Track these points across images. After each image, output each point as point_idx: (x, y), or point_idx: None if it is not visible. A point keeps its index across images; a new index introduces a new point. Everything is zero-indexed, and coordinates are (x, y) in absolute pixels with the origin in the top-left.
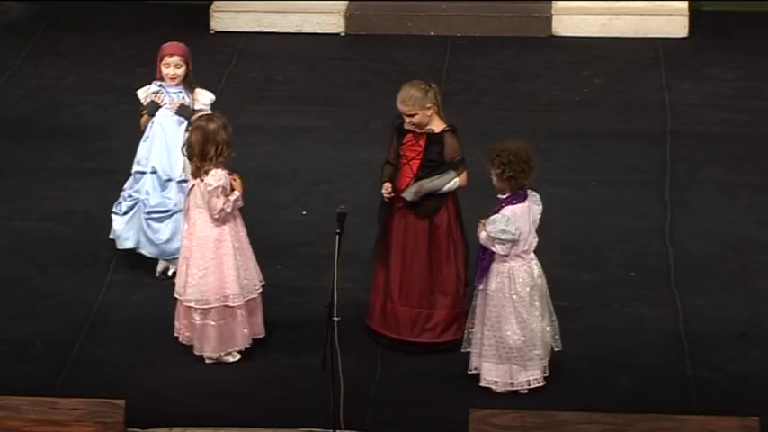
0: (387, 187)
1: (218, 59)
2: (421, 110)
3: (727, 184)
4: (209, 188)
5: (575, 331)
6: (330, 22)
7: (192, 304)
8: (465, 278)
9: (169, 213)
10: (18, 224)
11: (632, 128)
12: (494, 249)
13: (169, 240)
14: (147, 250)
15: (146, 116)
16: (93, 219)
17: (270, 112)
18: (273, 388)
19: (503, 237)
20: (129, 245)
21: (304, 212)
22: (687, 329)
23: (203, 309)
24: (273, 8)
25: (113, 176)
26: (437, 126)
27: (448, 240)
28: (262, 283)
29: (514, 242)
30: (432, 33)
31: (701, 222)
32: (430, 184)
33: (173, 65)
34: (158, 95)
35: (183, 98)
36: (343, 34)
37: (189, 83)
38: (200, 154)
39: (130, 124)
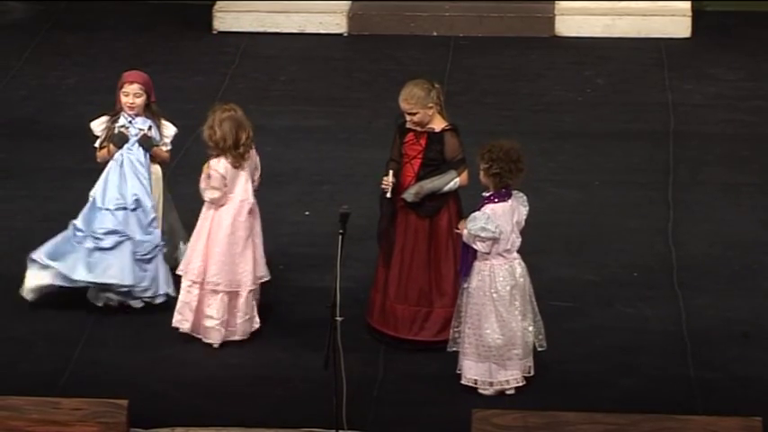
0: (387, 179)
1: (221, 60)
2: (422, 109)
3: (729, 184)
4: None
5: (577, 331)
6: (333, 22)
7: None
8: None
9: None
10: (21, 224)
11: (635, 128)
12: (475, 247)
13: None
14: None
15: (111, 147)
16: None
17: (272, 113)
18: (276, 388)
19: (482, 234)
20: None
21: (306, 212)
22: (690, 330)
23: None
24: (276, 8)
25: None
26: (438, 125)
27: (448, 240)
28: None
29: (495, 240)
30: (434, 33)
31: (704, 223)
32: (430, 184)
33: (131, 93)
34: (125, 128)
35: (150, 129)
36: (345, 34)
37: (154, 113)
38: (234, 143)
39: None
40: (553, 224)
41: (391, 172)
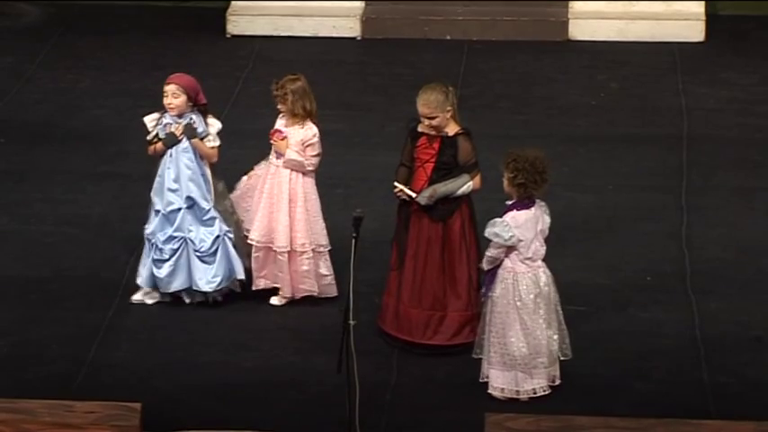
0: (399, 188)
1: (235, 63)
2: (442, 113)
3: (743, 188)
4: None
5: (590, 335)
6: (346, 25)
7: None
8: (477, 281)
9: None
10: (35, 228)
11: (648, 132)
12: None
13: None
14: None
15: (159, 145)
16: (110, 222)
17: None
18: (289, 391)
19: (494, 240)
20: (177, 286)
21: None
22: (703, 334)
23: None
24: (290, 12)
25: (130, 180)
26: (451, 129)
27: (461, 243)
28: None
29: (509, 248)
30: (448, 37)
31: (718, 227)
32: (443, 188)
33: (169, 93)
34: (178, 127)
35: (193, 120)
36: (359, 38)
37: (203, 113)
38: (314, 109)
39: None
40: (566, 228)
41: (395, 183)
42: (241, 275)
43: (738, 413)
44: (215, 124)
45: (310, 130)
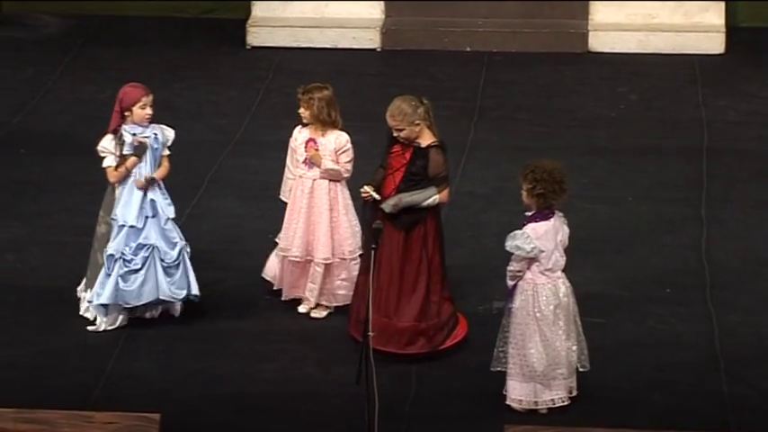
0: (365, 190)
1: (255, 75)
2: (408, 125)
3: (763, 200)
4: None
5: (609, 347)
6: (366, 37)
7: None
8: (442, 295)
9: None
10: (54, 238)
11: (668, 144)
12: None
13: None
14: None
15: (133, 159)
16: None
17: None
18: (308, 402)
19: (516, 252)
20: (147, 297)
21: None
22: (723, 346)
23: None
24: (310, 23)
25: None
26: (425, 140)
27: (421, 255)
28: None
29: (530, 260)
30: (468, 49)
31: (737, 239)
32: (409, 198)
33: (149, 104)
34: (141, 137)
35: (154, 134)
36: (379, 50)
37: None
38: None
39: None
40: (586, 240)
41: (365, 186)
42: (195, 291)
43: (758, 426)
44: (171, 132)
45: (342, 137)
